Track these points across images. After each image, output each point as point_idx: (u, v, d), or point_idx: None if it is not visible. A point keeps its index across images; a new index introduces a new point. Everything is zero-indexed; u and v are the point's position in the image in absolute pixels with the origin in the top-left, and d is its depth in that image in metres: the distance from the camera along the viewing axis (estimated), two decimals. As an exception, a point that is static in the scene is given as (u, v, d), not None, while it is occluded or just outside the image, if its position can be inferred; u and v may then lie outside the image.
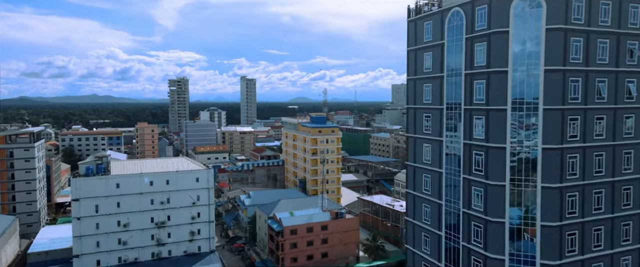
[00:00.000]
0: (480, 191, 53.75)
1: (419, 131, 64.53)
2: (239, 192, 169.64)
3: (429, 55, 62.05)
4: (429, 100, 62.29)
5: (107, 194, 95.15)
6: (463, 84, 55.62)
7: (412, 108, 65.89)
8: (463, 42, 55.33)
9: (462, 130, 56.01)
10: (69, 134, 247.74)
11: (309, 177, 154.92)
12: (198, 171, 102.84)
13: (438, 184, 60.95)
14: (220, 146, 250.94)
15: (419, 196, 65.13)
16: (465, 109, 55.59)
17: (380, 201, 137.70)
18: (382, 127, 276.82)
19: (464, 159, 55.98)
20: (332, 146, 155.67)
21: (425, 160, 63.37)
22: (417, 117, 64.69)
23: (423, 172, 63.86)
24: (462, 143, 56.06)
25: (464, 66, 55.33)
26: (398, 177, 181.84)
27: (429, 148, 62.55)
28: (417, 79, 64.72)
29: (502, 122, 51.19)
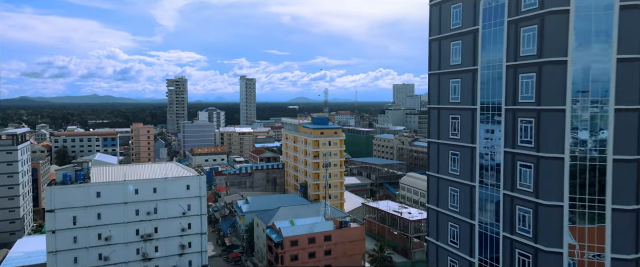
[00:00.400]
0: (528, 212, 42.46)
1: (443, 136, 53.20)
2: (237, 197, 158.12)
3: (457, 45, 50.74)
4: (457, 99, 50.98)
5: (87, 203, 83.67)
6: (504, 79, 44.37)
7: (435, 108, 54.56)
8: (504, 26, 44.04)
9: (503, 135, 44.72)
10: (62, 135, 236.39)
11: (310, 181, 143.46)
12: (189, 177, 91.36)
13: (469, 200, 49.62)
14: (219, 147, 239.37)
15: (443, 212, 53.76)
16: (507, 109, 44.30)
17: (386, 208, 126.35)
18: (385, 128, 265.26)
19: (505, 171, 44.70)
20: (334, 149, 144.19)
21: (451, 170, 52.04)
22: (442, 120, 53.37)
23: (449, 184, 52.53)
24: (503, 151, 44.75)
25: (506, 57, 44.07)
26: (403, 180, 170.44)
27: (457, 157, 51.20)
28: (441, 74, 53.40)
29: (558, 125, 39.91)
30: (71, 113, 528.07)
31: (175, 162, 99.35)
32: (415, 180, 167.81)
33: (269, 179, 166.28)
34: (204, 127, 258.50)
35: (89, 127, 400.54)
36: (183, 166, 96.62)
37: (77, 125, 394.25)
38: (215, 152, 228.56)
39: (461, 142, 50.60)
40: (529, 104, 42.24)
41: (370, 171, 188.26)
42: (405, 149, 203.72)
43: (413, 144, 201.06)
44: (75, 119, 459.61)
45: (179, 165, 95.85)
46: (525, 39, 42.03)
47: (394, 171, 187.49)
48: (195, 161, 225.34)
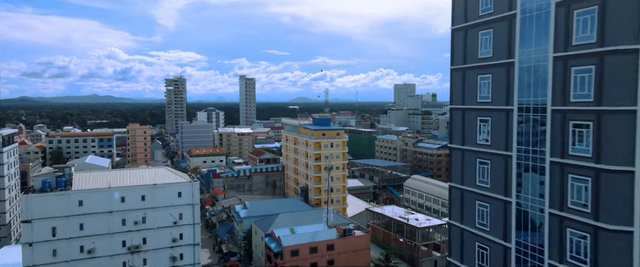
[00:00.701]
0: (585, 238, 34.09)
1: (469, 142, 44.86)
2: (235, 201, 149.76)
3: (487, 34, 42.39)
4: (487, 98, 42.64)
5: (68, 213, 75.22)
6: (550, 74, 36.05)
7: (459, 109, 46.22)
8: (551, 9, 35.74)
9: (549, 142, 36.37)
10: (57, 135, 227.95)
11: (311, 185, 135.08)
12: (180, 183, 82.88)
13: (502, 218, 41.26)
14: (217, 149, 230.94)
15: (469, 231, 45.41)
16: (555, 110, 35.96)
17: (392, 214, 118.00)
18: (388, 128, 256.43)
19: (551, 186, 36.38)
20: (337, 151, 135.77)
21: (480, 182, 43.70)
22: (467, 122, 45.04)
23: (477, 198, 44.19)
24: (549, 162, 36.38)
25: (553, 46, 35.78)
26: (408, 183, 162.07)
27: (487, 167, 42.86)
28: (467, 69, 45.02)
29: (626, 131, 31.61)
30: (70, 113, 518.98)
31: (165, 167, 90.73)
32: (420, 183, 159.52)
33: (269, 182, 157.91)
34: (202, 128, 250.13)
35: (87, 128, 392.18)
36: (175, 171, 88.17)
37: (76, 126, 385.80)
38: (214, 154, 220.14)
39: (492, 149, 42.18)
40: (584, 104, 33.85)
41: (373, 173, 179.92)
42: (409, 151, 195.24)
43: (417, 146, 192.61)
44: (75, 119, 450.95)
45: (170, 170, 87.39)
46: (580, 23, 33.69)
47: (397, 173, 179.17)
48: (193, 162, 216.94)
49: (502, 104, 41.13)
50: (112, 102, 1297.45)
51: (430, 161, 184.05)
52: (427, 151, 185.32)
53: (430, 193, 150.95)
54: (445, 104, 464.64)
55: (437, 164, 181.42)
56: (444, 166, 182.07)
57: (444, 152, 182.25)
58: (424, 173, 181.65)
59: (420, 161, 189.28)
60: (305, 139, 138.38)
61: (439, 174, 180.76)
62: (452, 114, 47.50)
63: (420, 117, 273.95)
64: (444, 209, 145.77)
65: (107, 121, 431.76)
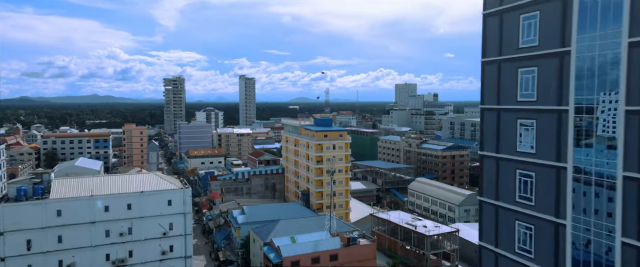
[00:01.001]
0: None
1: (506, 149, 36.68)
2: (233, 205, 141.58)
3: (532, 18, 34.22)
4: (530, 95, 34.51)
5: (45, 224, 67.09)
6: (624, 66, 28.01)
7: (492, 110, 38.06)
8: (625, -17, 27.69)
9: (622, 151, 28.32)
10: (51, 136, 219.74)
11: (312, 188, 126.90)
12: (170, 190, 74.71)
13: (552, 243, 33.11)
14: (216, 150, 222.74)
15: (507, 257, 37.21)
16: (631, 111, 27.92)
17: (398, 220, 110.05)
18: (390, 129, 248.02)
19: (625, 209, 28.32)
20: (339, 153, 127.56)
21: (521, 199, 35.54)
22: (504, 126, 36.89)
23: (517, 218, 36.05)
24: (622, 176, 28.32)
25: (628, 30, 27.72)
26: (413, 186, 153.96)
27: (530, 179, 34.71)
28: (503, 61, 36.86)
29: None
30: (69, 113, 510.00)
31: (155, 172, 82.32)
32: (425, 186, 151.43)
33: (268, 185, 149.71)
34: (200, 128, 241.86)
35: (86, 128, 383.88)
36: (165, 177, 79.94)
37: (74, 126, 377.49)
38: (212, 155, 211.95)
39: (538, 158, 33.95)
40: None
41: (376, 175, 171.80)
42: (412, 152, 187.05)
43: (421, 147, 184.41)
44: (74, 119, 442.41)
45: (159, 176, 79.16)
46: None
47: (401, 175, 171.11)
48: (190, 163, 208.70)
49: (553, 104, 32.91)
50: (112, 102, 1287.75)
51: (435, 162, 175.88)
52: (432, 152, 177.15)
53: (436, 197, 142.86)
54: (446, 104, 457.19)
55: (442, 166, 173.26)
56: (449, 168, 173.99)
57: (449, 154, 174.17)
58: (429, 175, 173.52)
59: (424, 163, 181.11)
60: (306, 140, 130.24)
61: (444, 177, 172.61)
62: (483, 116, 39.22)
63: (424, 117, 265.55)
64: (451, 213, 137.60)
65: (106, 121, 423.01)
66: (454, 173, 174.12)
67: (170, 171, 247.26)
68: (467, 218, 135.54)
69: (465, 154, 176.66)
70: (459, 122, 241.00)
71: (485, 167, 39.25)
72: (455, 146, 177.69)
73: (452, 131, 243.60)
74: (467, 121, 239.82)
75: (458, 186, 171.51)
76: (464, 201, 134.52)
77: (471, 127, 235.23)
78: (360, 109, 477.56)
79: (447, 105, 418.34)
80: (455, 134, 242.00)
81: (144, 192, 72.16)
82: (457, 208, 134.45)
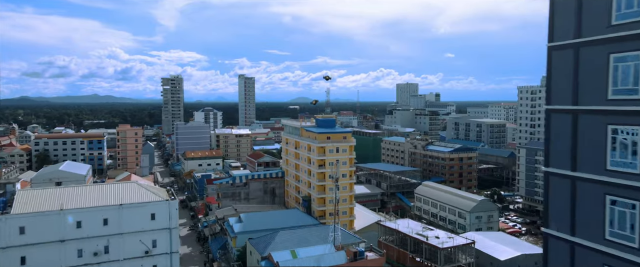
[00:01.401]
0: None
1: (588, 165, 26.31)
2: (230, 211, 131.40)
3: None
4: (631, 92, 24.27)
5: (5, 243, 56.87)
6: None
7: (565, 112, 27.80)
8: None
9: None
10: (44, 137, 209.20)
11: (314, 194, 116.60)
12: (154, 203, 64.35)
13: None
14: (213, 151, 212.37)
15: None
16: None
17: (407, 229, 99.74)
18: (393, 129, 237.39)
19: None
20: (343, 156, 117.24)
21: (613, 236, 25.28)
22: (584, 133, 26.54)
23: (607, 263, 25.80)
24: None
25: None
26: (419, 190, 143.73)
27: (630, 211, 24.48)
28: (584, 45, 26.56)
29: None
30: (68, 113, 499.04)
31: (137, 182, 71.73)
32: (433, 190, 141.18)
33: (267, 190, 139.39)
34: (198, 129, 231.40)
35: (84, 128, 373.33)
36: (149, 186, 69.62)
37: (71, 126, 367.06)
38: (210, 156, 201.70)
39: (641, 180, 23.61)
40: None
41: (380, 178, 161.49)
42: (418, 154, 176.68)
43: (427, 149, 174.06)
44: (72, 120, 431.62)
45: (143, 185, 68.76)
46: None
47: (406, 178, 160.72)
48: (187, 165, 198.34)
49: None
50: (112, 102, 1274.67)
51: (441, 165, 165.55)
52: (439, 154, 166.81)
53: (445, 202, 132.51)
54: (449, 103, 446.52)
55: (449, 168, 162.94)
56: (457, 171, 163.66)
57: (457, 156, 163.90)
58: (435, 178, 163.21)
59: (430, 165, 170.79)
60: (308, 143, 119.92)
61: (451, 180, 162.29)
62: (550, 119, 28.81)
63: (428, 117, 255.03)
64: (461, 220, 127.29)
65: (104, 121, 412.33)
66: (461, 176, 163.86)
67: (167, 172, 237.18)
68: (478, 225, 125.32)
69: (473, 156, 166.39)
70: (464, 123, 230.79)
71: (552, 188, 28.76)
72: (463, 148, 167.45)
73: (456, 132, 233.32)
74: (472, 122, 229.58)
75: (466, 189, 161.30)
76: (476, 207, 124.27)
77: (477, 128, 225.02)
78: (360, 109, 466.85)
79: (450, 105, 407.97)
80: (460, 135, 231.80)
81: (122, 205, 61.86)
82: (469, 215, 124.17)
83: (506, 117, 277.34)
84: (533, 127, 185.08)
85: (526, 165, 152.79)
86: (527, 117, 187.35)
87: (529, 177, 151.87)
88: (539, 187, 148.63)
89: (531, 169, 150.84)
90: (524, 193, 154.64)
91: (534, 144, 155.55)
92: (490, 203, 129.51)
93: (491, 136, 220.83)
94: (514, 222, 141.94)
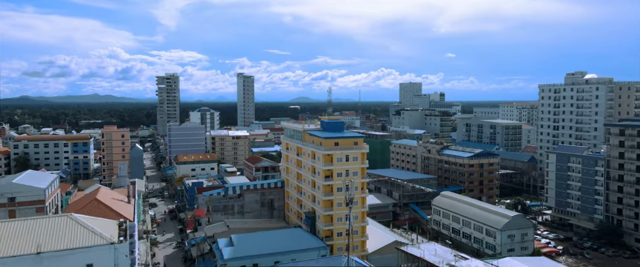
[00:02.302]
0: None
1: None
2: (221, 227, 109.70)
3: None
4: None
5: None
6: None
7: None
8: None
9: None
10: (23, 139, 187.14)
11: (320, 210, 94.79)
12: (91, 248, 42.57)
13: None
14: (208, 154, 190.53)
15: None
16: None
17: (436, 258, 78.63)
18: (402, 131, 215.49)
19: None
20: (354, 166, 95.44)
21: None
22: None
23: None
24: None
25: None
26: (438, 202, 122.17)
27: None
28: None
29: None
30: (66, 113, 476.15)
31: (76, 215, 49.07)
32: (453, 202, 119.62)
33: (264, 202, 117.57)
34: (193, 130, 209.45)
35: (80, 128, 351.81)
36: (88, 223, 47.66)
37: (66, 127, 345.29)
38: (204, 161, 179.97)
39: None
40: None
41: (392, 186, 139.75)
42: (432, 159, 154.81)
43: (442, 153, 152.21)
44: (69, 119, 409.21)
45: (80, 222, 46.82)
46: None
47: (421, 187, 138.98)
48: (180, 170, 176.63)
49: None
50: (112, 102, 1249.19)
51: (460, 172, 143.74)
52: (456, 159, 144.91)
53: (469, 217, 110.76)
54: (454, 103, 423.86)
55: (468, 176, 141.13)
56: (477, 179, 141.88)
57: (477, 162, 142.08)
58: (453, 187, 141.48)
59: (446, 172, 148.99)
60: (312, 149, 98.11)
61: (471, 189, 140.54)
62: None
63: (439, 118, 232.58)
64: (489, 239, 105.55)
65: (101, 121, 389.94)
66: (482, 184, 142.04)
67: (159, 177, 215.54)
68: (510, 245, 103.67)
69: (495, 163, 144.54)
70: (476, 124, 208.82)
71: None
72: (484, 153, 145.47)
73: (468, 134, 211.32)
74: (485, 123, 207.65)
75: (487, 199, 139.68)
76: (508, 225, 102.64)
77: (490, 130, 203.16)
78: (363, 109, 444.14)
79: (455, 105, 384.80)
80: (472, 137, 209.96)
81: (41, 253, 40.00)
82: (499, 233, 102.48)
83: (519, 118, 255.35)
84: (556, 129, 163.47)
85: (557, 172, 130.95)
86: (549, 118, 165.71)
87: (560, 186, 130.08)
88: (573, 198, 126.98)
89: (563, 177, 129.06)
90: (553, 204, 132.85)
91: (565, 148, 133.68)
92: (524, 220, 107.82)
93: (506, 138, 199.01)
94: (545, 238, 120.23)
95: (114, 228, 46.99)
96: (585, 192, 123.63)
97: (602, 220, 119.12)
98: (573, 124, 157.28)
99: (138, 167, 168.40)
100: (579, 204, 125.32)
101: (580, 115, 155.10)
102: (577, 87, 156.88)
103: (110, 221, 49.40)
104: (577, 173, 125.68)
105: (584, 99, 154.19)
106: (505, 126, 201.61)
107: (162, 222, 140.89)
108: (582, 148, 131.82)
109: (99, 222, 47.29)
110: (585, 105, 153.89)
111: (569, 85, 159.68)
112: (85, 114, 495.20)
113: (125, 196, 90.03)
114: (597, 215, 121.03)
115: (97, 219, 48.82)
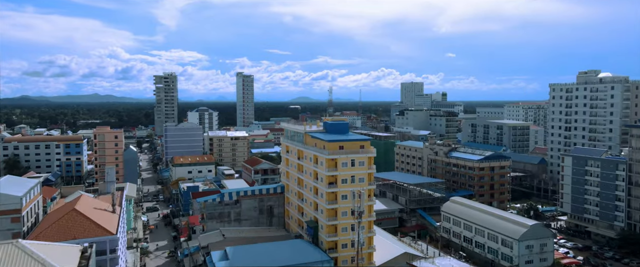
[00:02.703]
0: None
1: None
2: (216, 236, 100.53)
3: None
4: None
5: None
6: None
7: None
8: None
9: None
10: (13, 140, 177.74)
11: (323, 220, 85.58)
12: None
13: None
14: (205, 156, 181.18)
15: None
16: None
17: (452, 275, 69.20)
18: (406, 132, 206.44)
19: None
20: (361, 171, 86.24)
21: None
22: None
23: None
24: None
25: None
26: (447, 208, 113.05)
27: None
28: None
29: None
30: (64, 113, 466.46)
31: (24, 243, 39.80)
32: (464, 208, 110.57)
33: (263, 209, 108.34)
34: (190, 131, 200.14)
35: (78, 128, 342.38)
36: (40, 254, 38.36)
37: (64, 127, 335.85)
38: (201, 163, 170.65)
39: None
40: None
41: (398, 191, 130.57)
42: (439, 162, 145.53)
43: (450, 156, 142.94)
44: (67, 119, 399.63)
45: (28, 252, 37.52)
46: None
47: (428, 191, 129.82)
48: (176, 172, 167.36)
49: None
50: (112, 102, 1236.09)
51: (469, 175, 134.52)
52: (466, 162, 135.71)
53: (483, 225, 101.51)
54: (456, 103, 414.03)
55: (479, 179, 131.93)
56: (487, 182, 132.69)
57: (488, 165, 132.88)
58: (462, 191, 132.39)
59: (455, 176, 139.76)
60: (314, 153, 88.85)
61: (481, 194, 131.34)
62: None
63: (445, 119, 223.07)
64: (506, 250, 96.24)
65: (99, 121, 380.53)
66: (493, 188, 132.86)
67: (155, 179, 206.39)
68: (529, 257, 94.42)
69: (506, 166, 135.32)
70: (482, 125, 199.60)
71: None
72: (495, 156, 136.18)
73: (474, 135, 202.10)
74: (491, 123, 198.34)
75: (498, 204, 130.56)
76: (526, 235, 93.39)
77: (497, 130, 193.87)
78: (363, 109, 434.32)
79: (457, 105, 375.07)
80: (478, 137, 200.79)
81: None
82: (517, 244, 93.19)
83: (525, 118, 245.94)
84: (568, 130, 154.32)
85: (573, 176, 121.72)
86: (560, 118, 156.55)
87: (576, 190, 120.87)
88: (591, 204, 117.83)
89: (580, 181, 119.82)
90: (569, 210, 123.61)
91: (582, 151, 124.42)
92: (543, 229, 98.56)
93: (513, 139, 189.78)
94: (563, 246, 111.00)
95: (75, 256, 37.76)
96: (605, 198, 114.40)
97: (624, 228, 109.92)
98: (586, 125, 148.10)
99: (132, 170, 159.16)
100: (597, 210, 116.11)
101: (595, 115, 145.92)
102: (591, 86, 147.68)
103: (71, 247, 40.18)
104: (596, 177, 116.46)
105: (598, 98, 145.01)
106: (513, 127, 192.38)
107: (155, 229, 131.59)
108: (599, 151, 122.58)
109: (56, 250, 38.03)
110: (599, 105, 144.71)
111: (582, 85, 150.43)
112: (84, 114, 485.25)
113: (109, 203, 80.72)
114: (617, 222, 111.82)
115: (54, 245, 39.53)
